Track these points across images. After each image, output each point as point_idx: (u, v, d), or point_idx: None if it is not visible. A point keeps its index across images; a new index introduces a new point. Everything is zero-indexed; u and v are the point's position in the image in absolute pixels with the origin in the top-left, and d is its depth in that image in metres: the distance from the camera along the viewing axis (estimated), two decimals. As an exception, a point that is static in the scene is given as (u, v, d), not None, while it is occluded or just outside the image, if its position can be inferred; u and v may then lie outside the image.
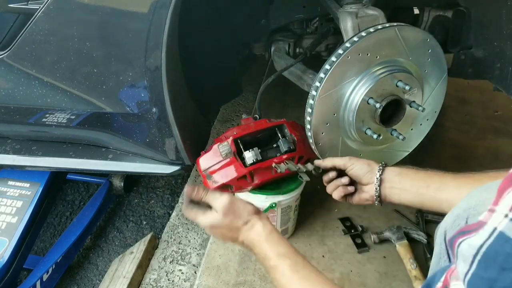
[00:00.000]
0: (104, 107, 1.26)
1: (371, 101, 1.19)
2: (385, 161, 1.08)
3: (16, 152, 1.46)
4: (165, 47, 1.07)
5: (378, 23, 1.22)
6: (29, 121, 1.37)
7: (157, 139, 1.29)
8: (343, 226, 1.58)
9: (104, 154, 1.41)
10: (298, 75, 1.50)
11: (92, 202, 1.81)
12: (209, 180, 1.28)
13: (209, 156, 1.29)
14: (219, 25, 1.43)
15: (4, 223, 1.50)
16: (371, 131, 1.22)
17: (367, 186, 1.09)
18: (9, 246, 1.45)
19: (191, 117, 1.38)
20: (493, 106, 2.36)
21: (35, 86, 1.25)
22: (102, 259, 1.77)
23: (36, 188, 1.58)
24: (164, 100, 1.17)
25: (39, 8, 1.10)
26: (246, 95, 2.47)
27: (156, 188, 2.08)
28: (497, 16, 1.26)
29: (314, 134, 1.24)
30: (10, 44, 1.18)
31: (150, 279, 1.53)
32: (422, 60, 1.26)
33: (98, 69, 1.18)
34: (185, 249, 1.63)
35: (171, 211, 1.90)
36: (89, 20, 1.11)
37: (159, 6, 1.03)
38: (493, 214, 0.48)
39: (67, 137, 1.44)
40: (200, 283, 1.42)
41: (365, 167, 1.07)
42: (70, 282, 1.68)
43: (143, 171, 1.41)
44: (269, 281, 1.41)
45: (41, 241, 1.84)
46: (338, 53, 1.15)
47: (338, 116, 1.24)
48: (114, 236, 1.87)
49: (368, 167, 1.07)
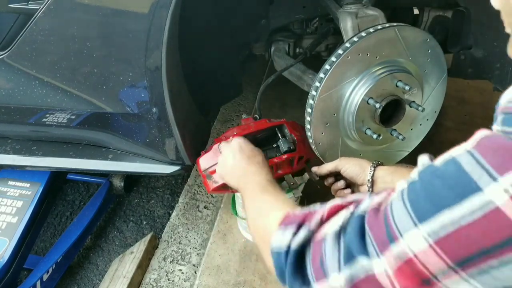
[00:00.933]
0: (104, 107, 1.26)
1: (371, 101, 1.19)
2: (385, 161, 1.08)
3: (16, 152, 1.46)
4: (165, 47, 1.08)
5: (378, 23, 1.22)
6: (29, 121, 1.37)
7: (157, 139, 1.29)
8: (343, 226, 1.58)
9: (104, 154, 1.41)
10: (298, 75, 1.50)
11: (92, 202, 1.81)
12: (209, 180, 1.28)
13: (209, 156, 1.29)
14: (219, 25, 1.43)
15: (4, 223, 1.50)
16: (371, 131, 1.23)
17: (362, 187, 1.08)
18: (9, 246, 1.45)
19: (191, 117, 1.38)
20: (493, 106, 2.31)
21: (35, 86, 1.25)
22: (102, 259, 1.77)
23: (36, 188, 1.58)
24: (164, 100, 1.17)
25: (39, 8, 1.10)
26: (246, 95, 2.46)
27: (156, 188, 2.09)
28: (497, 16, 1.26)
29: (314, 134, 1.24)
30: (10, 44, 1.18)
31: (150, 279, 1.54)
32: (422, 60, 1.26)
33: (98, 69, 1.18)
34: (185, 249, 1.63)
35: (171, 211, 1.90)
36: (89, 20, 1.11)
37: (159, 6, 1.03)
38: None
39: (67, 137, 1.44)
40: (200, 283, 1.42)
41: (356, 168, 1.06)
42: (70, 282, 1.68)
43: (143, 171, 1.41)
44: (269, 281, 1.41)
45: (41, 241, 1.84)
46: (338, 53, 1.15)
47: (338, 116, 1.24)
48: (114, 236, 1.87)
49: (360, 168, 1.06)
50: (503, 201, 0.44)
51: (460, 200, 0.47)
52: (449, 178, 0.49)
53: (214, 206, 1.80)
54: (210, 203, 1.82)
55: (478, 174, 0.47)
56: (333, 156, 1.30)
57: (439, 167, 0.52)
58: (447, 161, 0.51)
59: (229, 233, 1.59)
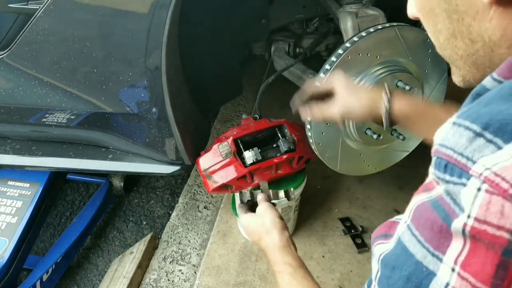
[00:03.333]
0: (104, 107, 1.26)
1: None
2: (386, 161, 1.07)
3: (16, 152, 1.46)
4: (165, 47, 1.07)
5: (378, 23, 1.22)
6: (29, 121, 1.37)
7: (157, 139, 1.29)
8: (343, 226, 1.58)
9: (104, 154, 1.41)
10: (298, 75, 1.50)
11: (92, 202, 1.81)
12: (209, 180, 1.28)
13: (209, 156, 1.29)
14: (219, 25, 1.43)
15: (4, 223, 1.50)
16: (371, 132, 1.22)
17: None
18: (9, 246, 1.45)
19: (191, 117, 1.38)
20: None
21: (35, 86, 1.25)
22: (102, 259, 1.77)
23: (36, 188, 1.58)
24: (164, 100, 1.16)
25: (39, 8, 1.10)
26: (246, 95, 2.46)
27: (156, 188, 2.08)
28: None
29: (314, 135, 1.24)
30: (10, 44, 1.18)
31: (150, 279, 1.53)
32: (422, 60, 1.26)
33: (98, 69, 1.18)
34: (185, 249, 1.63)
35: (171, 211, 1.90)
36: (89, 20, 1.11)
37: (159, 6, 1.03)
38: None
39: (67, 137, 1.44)
40: (200, 283, 1.42)
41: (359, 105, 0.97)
42: (70, 282, 1.68)
43: (143, 171, 1.40)
44: (269, 281, 1.41)
45: (41, 241, 1.84)
46: (338, 53, 1.15)
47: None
48: (114, 236, 1.87)
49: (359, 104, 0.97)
50: (455, 281, 0.40)
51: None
52: (402, 268, 0.46)
53: (214, 206, 1.80)
54: (210, 203, 1.82)
55: (422, 255, 0.43)
56: (333, 156, 1.30)
57: (392, 253, 0.48)
58: (396, 243, 0.48)
59: (229, 233, 1.59)
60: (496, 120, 0.38)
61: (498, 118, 0.38)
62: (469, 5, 0.47)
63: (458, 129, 0.41)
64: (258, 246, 1.01)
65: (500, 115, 0.38)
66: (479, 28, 0.47)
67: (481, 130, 0.39)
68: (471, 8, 0.46)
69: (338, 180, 1.78)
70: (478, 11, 0.46)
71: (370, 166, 1.38)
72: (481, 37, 0.48)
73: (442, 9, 0.50)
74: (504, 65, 0.45)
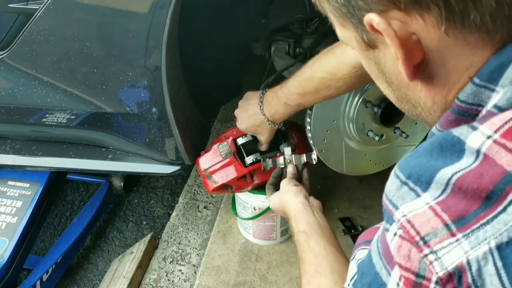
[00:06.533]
0: (104, 107, 1.26)
1: (369, 105, 1.19)
2: (392, 157, 1.06)
3: (16, 152, 1.46)
4: (165, 47, 1.07)
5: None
6: (29, 121, 1.37)
7: (157, 139, 1.29)
8: (343, 226, 1.58)
9: (104, 154, 1.41)
10: (298, 75, 1.49)
11: (92, 202, 1.81)
12: (209, 180, 1.28)
13: (209, 156, 1.29)
14: (219, 25, 1.43)
15: (4, 223, 1.50)
16: (373, 133, 1.22)
17: None
18: (9, 246, 1.45)
19: (191, 117, 1.38)
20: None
21: (35, 86, 1.25)
22: (102, 259, 1.77)
23: (36, 188, 1.58)
24: (164, 100, 1.16)
25: (39, 8, 1.10)
26: (246, 95, 2.46)
27: (156, 188, 2.08)
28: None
29: (315, 142, 1.24)
30: (10, 44, 1.18)
31: (150, 279, 1.53)
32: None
33: (98, 69, 1.18)
34: (185, 249, 1.63)
35: (171, 211, 1.90)
36: (89, 20, 1.11)
37: (159, 6, 1.03)
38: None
39: (67, 137, 1.44)
40: (200, 283, 1.42)
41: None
42: (70, 282, 1.68)
43: (143, 171, 1.40)
44: (269, 281, 1.41)
45: (41, 241, 1.84)
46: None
47: (338, 123, 1.24)
48: (114, 236, 1.87)
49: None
50: None
51: None
52: (367, 275, 0.50)
53: (214, 206, 1.80)
54: (210, 203, 1.82)
55: (379, 266, 0.47)
56: (338, 160, 1.30)
57: (363, 260, 0.53)
58: (368, 251, 0.52)
59: (229, 233, 1.59)
60: (415, 172, 0.43)
61: (417, 169, 0.43)
62: (400, 79, 0.51)
63: (392, 178, 0.45)
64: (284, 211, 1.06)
65: (419, 167, 0.43)
66: (414, 97, 0.53)
67: (406, 179, 0.43)
68: (403, 82, 0.51)
69: (338, 180, 1.78)
70: (408, 84, 0.51)
71: (377, 164, 1.38)
72: (418, 103, 0.53)
73: (383, 79, 0.55)
74: (443, 118, 0.50)
